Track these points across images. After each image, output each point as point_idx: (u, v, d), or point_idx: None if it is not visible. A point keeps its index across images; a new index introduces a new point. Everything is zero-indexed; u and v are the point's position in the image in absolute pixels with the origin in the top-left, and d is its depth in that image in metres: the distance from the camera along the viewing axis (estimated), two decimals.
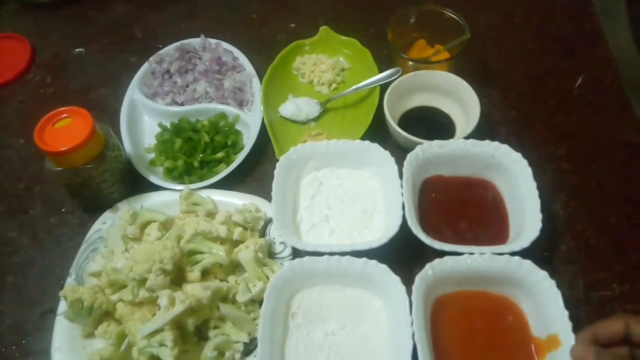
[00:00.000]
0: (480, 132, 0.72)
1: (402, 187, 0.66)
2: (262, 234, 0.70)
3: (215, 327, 0.62)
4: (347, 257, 0.61)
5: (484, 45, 0.90)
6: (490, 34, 0.93)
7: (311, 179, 0.73)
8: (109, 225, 0.71)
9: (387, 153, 0.69)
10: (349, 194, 0.72)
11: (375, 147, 0.71)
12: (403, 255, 0.65)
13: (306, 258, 0.62)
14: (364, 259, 0.61)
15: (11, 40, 0.99)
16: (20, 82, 0.93)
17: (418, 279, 0.58)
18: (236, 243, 0.67)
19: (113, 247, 0.69)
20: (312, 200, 0.71)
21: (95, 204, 0.73)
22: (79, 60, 0.95)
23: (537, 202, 0.64)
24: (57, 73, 0.93)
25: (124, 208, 0.71)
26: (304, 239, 0.68)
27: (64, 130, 0.65)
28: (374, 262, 0.61)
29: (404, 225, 0.63)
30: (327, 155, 0.73)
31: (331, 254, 0.62)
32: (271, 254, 0.68)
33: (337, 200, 0.71)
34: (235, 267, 0.67)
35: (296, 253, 0.67)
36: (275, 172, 0.69)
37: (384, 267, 0.60)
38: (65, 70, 0.94)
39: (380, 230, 0.68)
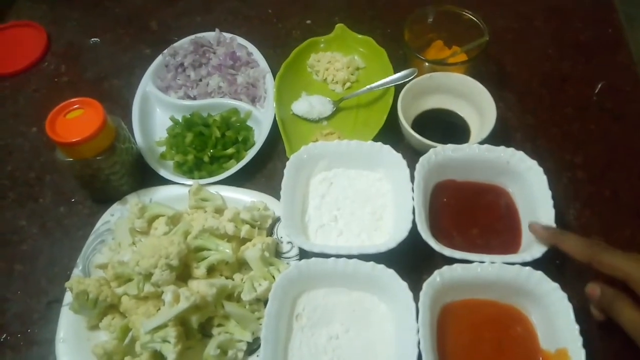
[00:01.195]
0: (495, 137, 0.71)
1: (413, 190, 0.65)
2: (270, 232, 0.70)
3: (219, 325, 0.62)
4: (354, 260, 0.61)
5: (502, 48, 0.89)
6: (508, 37, 0.91)
7: (321, 178, 0.72)
8: (117, 217, 0.71)
9: (399, 155, 0.68)
10: (359, 195, 0.71)
11: (388, 149, 0.70)
12: (411, 259, 0.64)
13: (313, 259, 0.61)
14: (372, 263, 0.60)
15: (27, 28, 0.99)
16: (34, 70, 0.93)
17: (426, 285, 0.57)
18: (243, 241, 0.66)
19: (120, 239, 0.69)
20: (322, 200, 0.70)
21: (104, 195, 0.73)
22: (94, 50, 0.95)
23: (551, 212, 0.63)
24: (72, 62, 0.93)
25: (133, 201, 0.71)
26: (311, 239, 0.67)
27: (76, 121, 0.65)
28: (381, 266, 0.60)
29: (413, 229, 0.62)
30: (338, 155, 0.72)
31: (338, 256, 0.61)
32: (278, 253, 0.68)
33: (347, 201, 0.70)
34: (242, 264, 0.66)
35: (303, 253, 0.66)
36: (285, 170, 0.68)
37: (391, 272, 0.59)
38: (79, 60, 0.94)
39: (389, 233, 0.67)
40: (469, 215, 0.68)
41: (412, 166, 0.67)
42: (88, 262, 0.68)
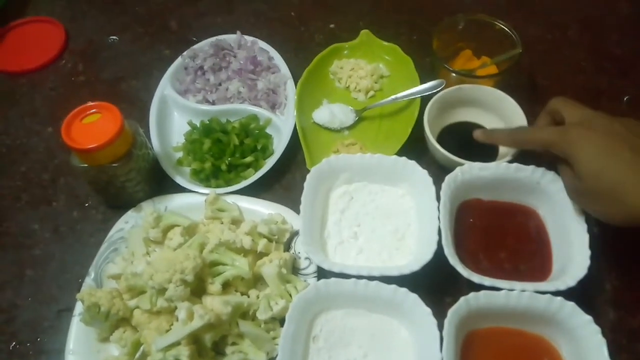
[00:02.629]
0: (525, 155, 0.67)
1: (438, 210, 0.62)
2: (287, 247, 0.67)
3: (233, 344, 0.59)
4: (375, 282, 0.58)
5: (533, 59, 0.85)
6: (541, 48, 0.88)
7: (342, 192, 0.70)
8: (131, 225, 0.69)
9: (424, 172, 0.65)
10: (380, 211, 0.68)
11: (413, 164, 0.67)
12: (433, 281, 0.61)
13: (332, 279, 0.59)
14: (394, 286, 0.57)
15: (45, 24, 0.97)
16: (51, 68, 0.91)
17: (451, 313, 0.54)
18: (260, 255, 0.64)
19: (134, 248, 0.67)
20: (342, 215, 0.68)
21: (119, 201, 0.71)
22: (112, 49, 0.93)
23: (585, 237, 0.59)
24: (89, 61, 0.92)
25: (148, 209, 0.69)
26: (330, 256, 0.65)
27: (92, 126, 0.63)
28: (404, 290, 0.57)
29: (437, 250, 0.60)
30: (360, 169, 0.69)
31: (359, 277, 0.58)
32: (295, 269, 0.65)
33: (368, 217, 0.68)
34: (257, 280, 0.64)
35: (322, 270, 0.64)
36: (305, 183, 0.66)
37: (414, 297, 0.57)
38: (97, 59, 0.92)
39: (412, 253, 0.64)
40: (496, 237, 0.65)
41: (436, 181, 0.64)
42: (100, 271, 0.66)
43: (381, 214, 0.68)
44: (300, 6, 0.97)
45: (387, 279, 0.58)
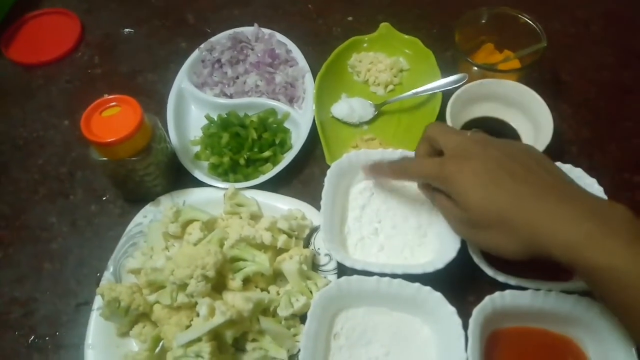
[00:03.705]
0: (548, 151, 0.66)
1: None
2: (307, 242, 0.67)
3: (254, 340, 0.59)
4: (398, 280, 0.57)
5: (557, 54, 0.83)
6: (564, 42, 0.86)
7: (362, 187, 0.69)
8: (150, 219, 0.69)
9: None
10: (402, 207, 0.67)
11: None
12: (455, 279, 0.59)
13: (354, 277, 0.58)
14: (417, 285, 0.57)
15: (61, 16, 0.97)
16: (67, 60, 0.90)
17: (477, 312, 0.54)
18: (279, 251, 0.64)
19: (153, 243, 0.66)
20: (362, 211, 0.67)
21: (137, 195, 0.71)
22: (128, 42, 0.92)
23: None
24: (106, 54, 0.91)
25: (167, 203, 0.68)
26: (350, 252, 0.64)
27: (112, 119, 0.63)
28: (427, 288, 0.56)
29: (460, 248, 0.59)
30: None
31: (381, 274, 0.58)
32: (315, 266, 0.65)
33: (389, 213, 0.67)
34: (277, 275, 0.63)
35: (342, 267, 0.63)
36: (326, 179, 0.65)
37: (438, 296, 0.56)
38: (113, 51, 0.91)
39: (434, 250, 0.63)
40: None
41: None
42: (119, 265, 0.65)
43: (402, 210, 0.66)
44: None
45: (409, 277, 0.58)
